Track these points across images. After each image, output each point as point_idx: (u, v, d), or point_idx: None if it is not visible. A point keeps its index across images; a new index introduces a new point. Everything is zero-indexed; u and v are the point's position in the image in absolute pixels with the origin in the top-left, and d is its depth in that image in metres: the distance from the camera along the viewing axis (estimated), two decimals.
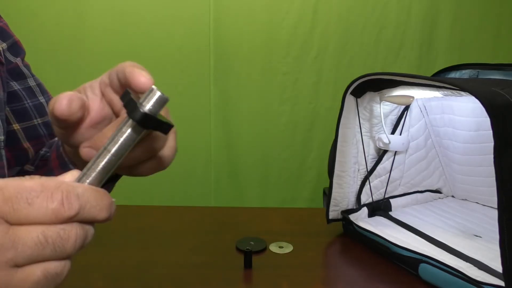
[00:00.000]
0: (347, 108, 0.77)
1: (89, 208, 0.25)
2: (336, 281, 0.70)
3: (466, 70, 0.82)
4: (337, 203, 0.82)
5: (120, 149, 0.29)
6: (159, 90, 0.29)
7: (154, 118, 0.28)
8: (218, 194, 1.76)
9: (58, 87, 1.69)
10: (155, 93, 0.29)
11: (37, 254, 0.24)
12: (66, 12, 1.58)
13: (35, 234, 0.23)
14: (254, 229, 0.85)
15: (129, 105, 0.28)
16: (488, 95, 0.53)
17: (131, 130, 0.29)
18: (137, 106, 0.28)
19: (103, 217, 0.26)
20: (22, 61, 0.59)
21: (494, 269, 0.60)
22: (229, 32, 1.64)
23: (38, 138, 0.56)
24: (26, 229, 0.23)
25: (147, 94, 0.29)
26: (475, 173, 0.88)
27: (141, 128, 0.29)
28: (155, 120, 0.28)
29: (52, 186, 0.24)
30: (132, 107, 0.28)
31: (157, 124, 0.28)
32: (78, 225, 0.25)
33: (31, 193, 0.23)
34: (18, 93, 0.55)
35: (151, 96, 0.29)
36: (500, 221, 0.51)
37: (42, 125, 0.57)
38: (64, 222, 0.24)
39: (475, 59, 1.40)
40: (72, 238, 0.25)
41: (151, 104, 0.28)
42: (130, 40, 1.61)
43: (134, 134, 0.29)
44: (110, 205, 0.27)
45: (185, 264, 0.72)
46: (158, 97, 0.29)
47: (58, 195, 0.24)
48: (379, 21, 1.67)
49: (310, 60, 1.68)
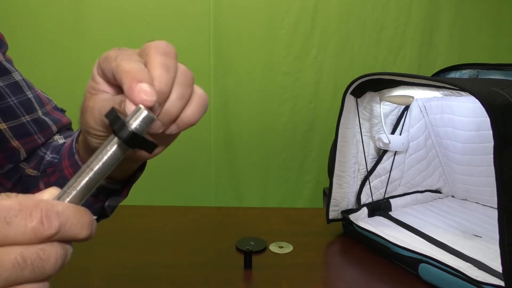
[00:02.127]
0: (347, 108, 0.77)
1: (69, 226, 0.24)
2: (336, 281, 0.70)
3: (466, 70, 0.82)
4: (337, 203, 0.82)
5: (103, 168, 0.28)
6: (146, 109, 0.28)
7: (140, 138, 0.28)
8: (218, 194, 1.76)
9: (58, 86, 1.69)
10: (142, 112, 0.28)
11: (15, 277, 0.22)
12: (66, 11, 1.58)
13: (13, 256, 0.22)
14: (254, 229, 0.85)
15: (116, 123, 0.28)
16: (488, 95, 0.53)
17: (116, 148, 0.28)
18: (125, 124, 0.27)
19: (84, 235, 0.25)
20: (4, 55, 0.56)
21: (494, 269, 0.60)
22: (229, 31, 1.64)
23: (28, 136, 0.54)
24: (4, 250, 0.22)
25: (133, 112, 0.28)
26: (475, 173, 0.88)
27: (127, 147, 0.28)
28: (141, 139, 0.28)
29: (31, 205, 0.23)
30: (120, 126, 0.27)
31: (143, 143, 0.28)
32: (58, 244, 0.24)
33: (9, 212, 0.22)
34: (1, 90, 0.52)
35: (138, 115, 0.28)
36: (500, 221, 0.51)
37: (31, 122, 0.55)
38: (43, 242, 0.23)
39: (475, 59, 1.40)
40: (52, 258, 0.23)
41: (137, 123, 0.28)
42: (130, 40, 1.60)
43: (119, 152, 0.28)
44: (91, 223, 0.25)
45: (185, 264, 0.72)
46: (145, 116, 0.28)
47: (37, 214, 0.23)
48: (379, 21, 1.67)
49: (310, 60, 1.68)
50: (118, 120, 0.28)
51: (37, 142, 0.55)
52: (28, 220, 0.23)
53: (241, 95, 1.69)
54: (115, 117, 0.28)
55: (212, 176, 1.75)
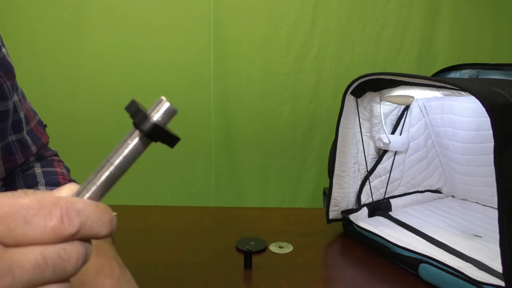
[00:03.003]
0: (347, 108, 0.77)
1: (90, 224, 0.23)
2: (336, 281, 0.70)
3: (466, 70, 0.82)
4: (337, 203, 0.82)
5: (124, 162, 0.27)
6: (168, 101, 0.27)
7: (162, 130, 0.26)
8: (218, 194, 1.76)
9: (57, 86, 1.68)
10: (164, 103, 0.27)
11: (36, 278, 0.22)
12: (65, 11, 1.58)
13: (33, 256, 0.21)
14: (254, 229, 0.85)
15: (137, 115, 0.27)
16: (488, 95, 0.53)
17: (138, 142, 0.27)
18: (147, 116, 0.26)
19: (104, 233, 0.24)
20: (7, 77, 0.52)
21: (494, 269, 0.60)
22: (229, 32, 1.64)
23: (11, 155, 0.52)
24: (24, 251, 0.21)
25: (155, 104, 0.27)
26: (475, 173, 0.88)
27: (149, 140, 0.27)
28: (164, 132, 0.27)
29: (50, 203, 0.22)
30: (141, 118, 0.26)
31: (165, 136, 0.27)
32: (79, 243, 0.23)
33: (28, 211, 0.21)
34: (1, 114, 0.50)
35: (160, 107, 0.27)
36: (500, 221, 0.51)
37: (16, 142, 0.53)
38: (64, 241, 0.22)
39: (475, 59, 1.40)
40: (74, 258, 0.23)
41: (160, 115, 0.27)
42: (130, 40, 1.61)
43: (140, 146, 0.27)
44: (111, 220, 0.25)
45: (185, 264, 0.71)
46: (167, 108, 0.27)
47: (57, 212, 0.22)
48: (379, 21, 1.67)
49: (310, 60, 1.68)
50: (139, 112, 0.27)
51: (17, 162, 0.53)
52: (47, 219, 0.22)
53: (241, 95, 1.69)
54: (136, 109, 0.27)
55: (212, 176, 1.75)
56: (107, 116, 1.64)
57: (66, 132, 1.63)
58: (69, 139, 1.63)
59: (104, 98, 1.63)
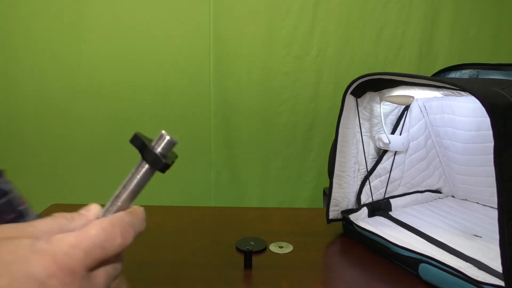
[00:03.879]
0: (347, 108, 0.77)
1: (136, 229, 0.30)
2: (336, 281, 0.70)
3: (466, 70, 0.82)
4: (337, 203, 0.82)
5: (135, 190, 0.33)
6: (168, 134, 0.33)
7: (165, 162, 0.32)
8: (218, 194, 1.76)
9: (57, 87, 1.68)
10: (165, 137, 0.33)
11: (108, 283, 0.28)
12: (65, 11, 1.58)
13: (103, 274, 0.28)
14: (254, 229, 0.85)
15: (144, 149, 0.32)
16: (488, 95, 0.53)
17: (145, 171, 0.33)
18: (151, 150, 0.32)
19: (142, 230, 0.31)
20: None
21: (494, 269, 0.60)
22: (229, 32, 1.64)
23: None
24: (97, 273, 0.27)
25: (157, 138, 0.33)
26: (475, 173, 0.88)
27: (154, 169, 0.33)
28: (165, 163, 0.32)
29: (110, 227, 0.28)
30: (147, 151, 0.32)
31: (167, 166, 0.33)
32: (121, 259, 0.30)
33: (101, 240, 0.27)
34: None
35: (162, 141, 0.33)
36: (500, 221, 0.51)
37: None
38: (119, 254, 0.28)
39: (475, 59, 1.40)
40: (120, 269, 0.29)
41: (161, 147, 0.33)
42: (130, 40, 1.61)
43: (147, 175, 0.33)
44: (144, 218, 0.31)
45: (185, 264, 0.71)
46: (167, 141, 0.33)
47: (118, 232, 0.28)
48: (379, 21, 1.67)
49: (310, 60, 1.68)
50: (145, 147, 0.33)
51: None
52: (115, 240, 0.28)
53: (241, 95, 1.69)
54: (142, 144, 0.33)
55: (212, 176, 1.75)
56: (107, 116, 1.64)
57: (66, 132, 1.64)
58: (69, 139, 1.64)
59: (104, 98, 1.63)
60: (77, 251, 0.26)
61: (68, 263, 0.26)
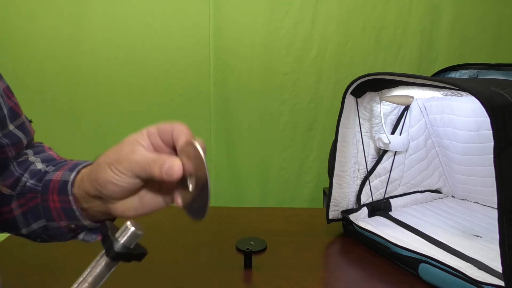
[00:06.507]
0: (347, 108, 0.77)
1: None
2: (336, 281, 0.70)
3: (466, 70, 0.82)
4: (337, 203, 0.82)
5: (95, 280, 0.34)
6: (134, 226, 0.34)
7: (126, 254, 0.33)
8: (218, 194, 1.76)
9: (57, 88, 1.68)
10: (129, 229, 0.34)
11: None
12: (65, 13, 1.58)
13: None
14: (254, 229, 0.85)
15: (106, 242, 0.33)
16: (488, 95, 0.53)
17: (106, 263, 0.34)
18: (112, 244, 0.33)
19: None
20: None
21: (494, 269, 0.60)
22: (229, 32, 1.64)
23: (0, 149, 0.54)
24: None
25: (122, 230, 0.34)
26: (475, 173, 0.88)
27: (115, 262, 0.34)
28: (127, 255, 0.33)
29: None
30: (108, 245, 0.33)
31: (129, 258, 0.34)
32: None
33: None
34: None
35: (126, 233, 0.34)
36: (500, 221, 0.51)
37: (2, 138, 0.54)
38: None
39: (475, 59, 1.40)
40: None
41: (125, 239, 0.33)
42: (130, 40, 1.61)
43: (108, 267, 0.34)
44: None
45: (185, 264, 0.72)
46: (131, 233, 0.34)
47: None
48: (379, 21, 1.67)
49: (310, 60, 1.68)
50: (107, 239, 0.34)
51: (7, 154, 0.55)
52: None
53: (241, 95, 1.69)
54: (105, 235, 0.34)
55: (212, 176, 1.75)
56: (107, 116, 1.64)
57: (66, 132, 1.63)
58: (69, 139, 1.63)
59: (104, 98, 1.63)
60: None
61: None
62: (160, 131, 0.43)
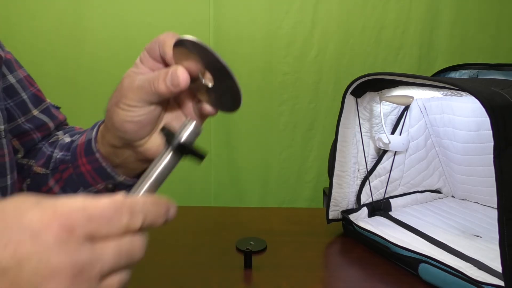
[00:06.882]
0: (347, 108, 0.77)
1: (149, 218, 0.29)
2: (336, 281, 0.70)
3: (466, 70, 0.82)
4: (337, 203, 0.82)
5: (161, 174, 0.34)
6: (194, 122, 0.35)
7: (191, 148, 0.34)
8: (218, 194, 1.76)
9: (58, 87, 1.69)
10: (191, 123, 0.35)
11: (115, 265, 0.27)
12: (65, 12, 1.58)
13: (112, 247, 0.26)
14: (254, 229, 0.85)
15: (168, 136, 0.34)
16: (488, 95, 0.53)
17: (170, 157, 0.34)
18: (177, 137, 0.34)
19: (160, 223, 0.30)
20: None
21: (494, 269, 0.60)
22: (229, 31, 1.64)
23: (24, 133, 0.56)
24: (105, 244, 0.26)
25: (183, 125, 0.35)
26: (475, 173, 0.88)
27: (179, 155, 0.34)
28: (191, 149, 0.34)
29: (120, 204, 0.27)
30: (172, 138, 0.34)
31: (191, 151, 0.35)
32: (140, 235, 0.29)
33: (109, 211, 0.26)
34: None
35: (188, 127, 0.34)
36: (500, 221, 0.51)
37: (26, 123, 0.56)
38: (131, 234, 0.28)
39: (475, 59, 1.40)
40: (138, 247, 0.28)
41: (187, 133, 0.34)
42: (130, 40, 1.60)
43: (172, 161, 0.34)
44: (166, 212, 0.31)
45: (185, 264, 0.72)
46: (193, 127, 0.35)
47: (126, 211, 0.27)
48: (379, 21, 1.67)
49: (310, 60, 1.68)
50: (170, 134, 0.34)
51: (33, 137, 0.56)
52: (122, 218, 0.27)
53: None
54: (167, 131, 0.34)
55: (212, 176, 1.75)
56: None
57: None
58: None
59: (105, 98, 1.63)
60: (80, 213, 0.25)
61: (67, 220, 0.25)
62: (150, 52, 0.42)
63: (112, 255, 0.26)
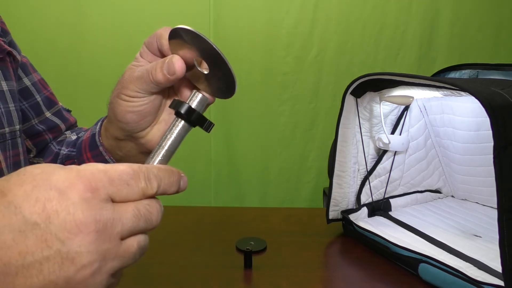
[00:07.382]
0: (347, 108, 0.77)
1: (163, 185, 0.30)
2: (336, 281, 0.70)
3: (466, 70, 0.82)
4: (337, 203, 0.82)
5: (172, 144, 0.35)
6: (201, 93, 0.36)
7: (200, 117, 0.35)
8: (218, 194, 1.76)
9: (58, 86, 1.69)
10: (197, 95, 0.36)
11: (135, 227, 0.28)
12: (66, 11, 1.58)
13: (131, 209, 0.28)
14: (254, 229, 0.85)
15: (179, 106, 0.35)
16: (488, 95, 0.53)
17: (181, 127, 0.35)
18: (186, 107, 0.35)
19: (173, 191, 0.32)
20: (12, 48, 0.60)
21: (494, 269, 0.60)
22: (229, 32, 1.64)
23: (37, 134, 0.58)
24: (125, 206, 0.28)
25: (190, 96, 0.36)
26: (475, 173, 0.88)
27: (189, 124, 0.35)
28: (200, 117, 0.35)
29: (137, 169, 0.29)
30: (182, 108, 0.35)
31: (201, 120, 0.35)
32: (156, 200, 0.30)
33: (127, 175, 0.28)
34: None
35: (195, 97, 0.36)
36: (500, 221, 0.51)
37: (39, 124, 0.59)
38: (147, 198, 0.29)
39: (475, 59, 1.40)
40: (156, 210, 0.30)
41: (196, 102, 0.35)
42: (130, 39, 1.61)
43: (182, 130, 0.35)
44: (178, 181, 0.32)
45: (185, 264, 0.72)
46: (201, 98, 0.36)
47: (142, 176, 0.29)
48: (379, 21, 1.67)
49: (310, 60, 1.68)
50: (179, 103, 0.35)
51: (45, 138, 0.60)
52: (138, 182, 0.28)
53: (241, 95, 1.69)
54: (177, 102, 0.35)
55: (212, 176, 1.75)
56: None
57: None
58: None
59: (105, 98, 1.63)
60: (102, 175, 0.27)
61: (91, 181, 0.26)
62: (149, 46, 0.43)
63: (131, 216, 0.27)
